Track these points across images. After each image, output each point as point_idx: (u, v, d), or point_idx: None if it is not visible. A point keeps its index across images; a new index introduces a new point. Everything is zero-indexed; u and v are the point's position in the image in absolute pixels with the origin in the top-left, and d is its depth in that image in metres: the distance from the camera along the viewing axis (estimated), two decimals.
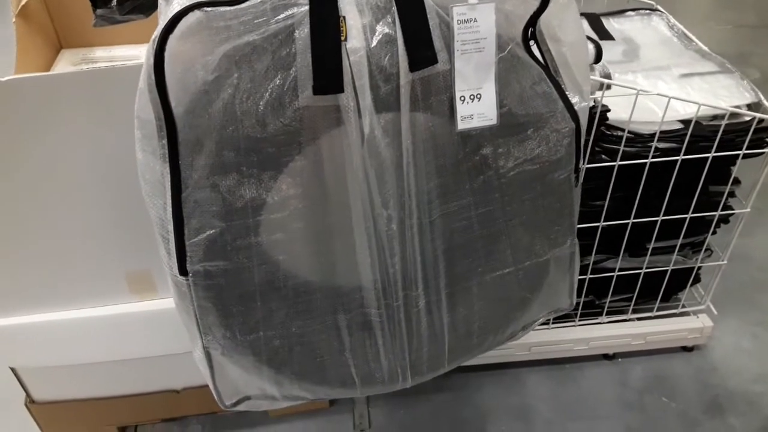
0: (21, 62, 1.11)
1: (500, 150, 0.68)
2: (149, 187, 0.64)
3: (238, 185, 0.63)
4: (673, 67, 1.07)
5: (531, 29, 0.68)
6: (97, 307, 0.91)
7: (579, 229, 1.00)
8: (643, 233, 1.07)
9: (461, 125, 0.65)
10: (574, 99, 0.71)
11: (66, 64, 1.25)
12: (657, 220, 1.03)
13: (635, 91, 0.88)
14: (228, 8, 0.55)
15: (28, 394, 1.04)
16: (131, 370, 0.98)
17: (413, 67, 0.61)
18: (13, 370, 0.99)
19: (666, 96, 0.88)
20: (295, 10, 0.58)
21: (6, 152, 0.80)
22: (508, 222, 0.73)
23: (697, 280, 1.17)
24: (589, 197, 1.01)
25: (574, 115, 0.70)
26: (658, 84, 1.02)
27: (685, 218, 1.04)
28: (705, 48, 1.13)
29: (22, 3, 1.14)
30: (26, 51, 1.14)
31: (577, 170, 0.74)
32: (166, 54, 0.56)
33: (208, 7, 0.55)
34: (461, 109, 0.65)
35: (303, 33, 0.59)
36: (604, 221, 1.03)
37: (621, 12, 1.23)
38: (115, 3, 0.79)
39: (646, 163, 0.96)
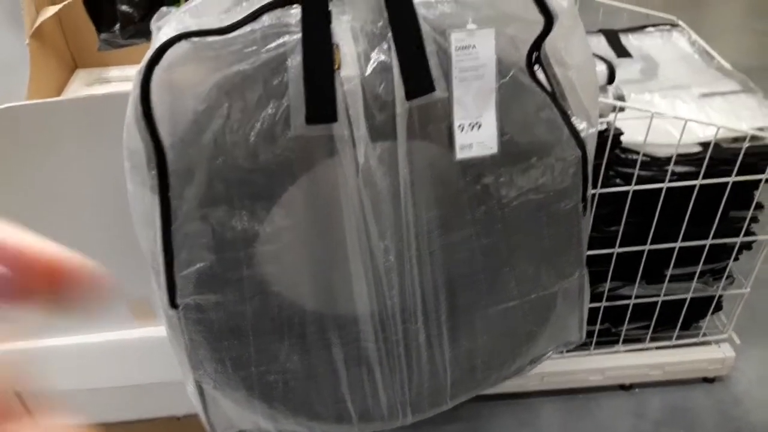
0: (34, 83, 1.12)
1: (502, 179, 0.66)
2: (139, 218, 0.62)
3: (230, 217, 0.61)
4: (692, 86, 1.03)
5: (535, 53, 0.65)
6: (98, 333, 0.90)
7: (593, 255, 0.97)
8: (661, 259, 1.03)
9: (460, 154, 0.62)
10: (581, 125, 0.68)
11: (80, 84, 1.25)
12: (675, 247, 0.99)
13: (650, 114, 0.84)
14: (216, 38, 0.54)
15: None
16: (132, 397, 0.97)
17: (410, 95, 0.59)
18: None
19: (683, 118, 0.85)
20: (287, 38, 0.56)
21: (4, 179, 0.80)
22: (512, 253, 0.70)
23: (718, 307, 1.12)
24: (603, 222, 0.98)
25: (580, 143, 0.67)
26: (677, 104, 0.98)
27: (705, 245, 0.99)
28: (727, 65, 1.08)
29: (37, 24, 1.15)
30: (40, 72, 1.14)
31: (585, 199, 0.71)
32: (154, 84, 0.55)
33: (195, 37, 0.53)
34: (460, 138, 0.62)
35: (295, 61, 0.57)
36: (619, 247, 0.99)
37: (640, 28, 1.20)
38: (118, 28, 0.78)
39: (662, 188, 0.92)
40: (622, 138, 0.91)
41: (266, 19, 0.55)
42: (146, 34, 0.82)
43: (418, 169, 0.64)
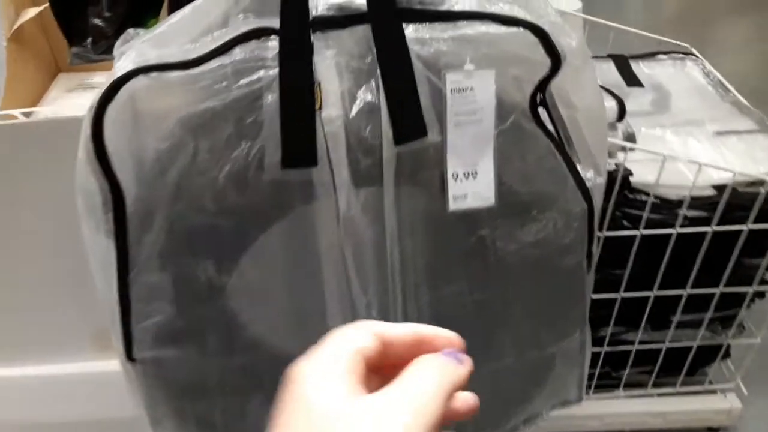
0: (10, 90, 1.05)
1: (499, 232, 0.59)
2: (94, 262, 0.56)
3: (193, 267, 0.55)
4: (707, 122, 0.96)
5: (540, 95, 0.59)
6: (57, 364, 0.84)
7: (595, 299, 0.90)
8: (667, 305, 0.96)
9: (453, 205, 0.56)
10: (588, 174, 0.62)
11: (61, 90, 1.19)
12: (683, 294, 0.93)
13: (662, 156, 0.78)
14: (179, 73, 0.48)
15: None
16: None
17: (399, 139, 0.53)
18: None
19: (697, 162, 0.79)
20: (262, 73, 0.50)
21: None
22: (508, 310, 0.64)
23: (726, 354, 1.06)
24: (607, 265, 0.91)
25: (586, 195, 0.61)
26: (689, 142, 0.92)
27: (716, 293, 0.93)
28: (743, 100, 1.02)
29: (16, 26, 1.09)
30: (18, 76, 1.08)
31: (590, 254, 0.65)
32: (108, 120, 0.49)
33: (155, 71, 0.47)
34: (453, 188, 0.56)
35: (271, 99, 0.51)
36: (624, 292, 0.92)
37: (652, 55, 1.13)
38: (90, 42, 0.72)
39: (673, 233, 0.85)
40: (632, 178, 0.85)
41: (238, 52, 0.49)
42: None
43: (407, 219, 0.58)
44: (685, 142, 0.92)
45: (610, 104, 0.81)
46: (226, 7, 0.50)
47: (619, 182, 0.82)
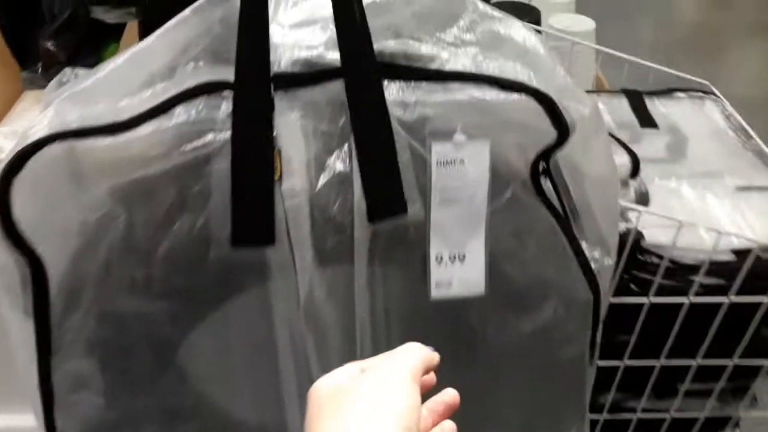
0: None
1: (490, 322, 0.51)
2: (15, 344, 0.48)
3: (126, 355, 0.47)
4: (726, 175, 0.88)
5: (543, 163, 0.51)
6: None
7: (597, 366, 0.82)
8: (675, 372, 0.88)
9: (436, 293, 0.48)
10: (595, 253, 0.54)
11: (31, 102, 1.12)
12: (693, 365, 0.85)
13: (677, 223, 0.70)
14: (106, 140, 0.39)
15: None
16: None
17: (374, 216, 0.45)
18: None
19: (716, 230, 0.70)
20: (210, 137, 0.42)
21: None
22: (497, 404, 0.55)
23: (736, 426, 0.98)
24: (611, 329, 0.83)
25: (592, 281, 0.52)
26: (707, 198, 0.83)
27: (729, 365, 0.85)
28: (766, 149, 0.94)
29: None
30: None
31: (593, 345, 0.56)
32: (25, 185, 0.40)
33: (75, 138, 0.39)
34: (437, 273, 0.48)
35: (221, 166, 0.43)
36: (629, 359, 0.84)
37: (668, 92, 1.04)
38: (40, 68, 0.64)
39: (685, 302, 0.77)
40: (643, 240, 0.77)
41: (181, 112, 0.41)
42: None
43: (381, 304, 0.49)
44: (702, 197, 0.83)
45: (623, 160, 0.72)
46: (172, 55, 0.42)
47: (630, 245, 0.74)
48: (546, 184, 0.51)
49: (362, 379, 0.32)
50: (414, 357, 0.34)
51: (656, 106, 1.01)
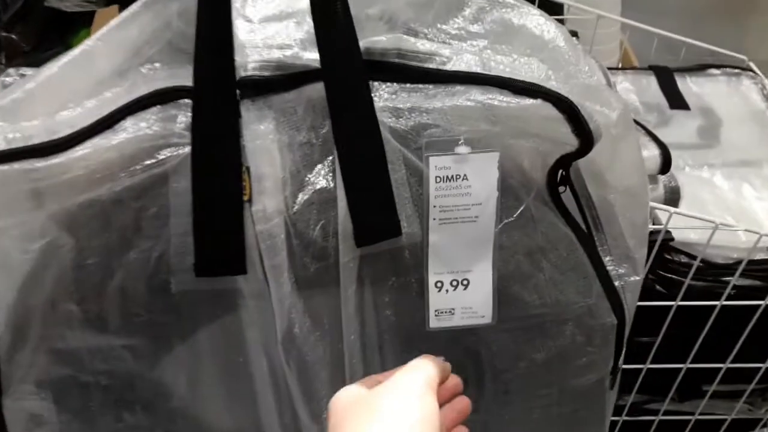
0: None
1: (499, 350, 0.45)
2: None
3: (84, 393, 0.41)
4: (765, 163, 0.80)
5: (562, 171, 0.44)
6: None
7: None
8: (701, 374, 0.82)
9: (435, 323, 0.42)
10: (620, 269, 0.47)
11: None
12: (721, 367, 0.78)
13: (712, 225, 0.62)
14: (40, 164, 0.33)
15: None
16: None
17: (362, 240, 0.38)
18: None
19: (756, 233, 0.63)
20: (166, 153, 0.36)
21: None
22: None
23: (764, 425, 0.92)
24: (634, 332, 0.77)
25: (616, 303, 0.46)
26: (744, 190, 0.76)
27: (760, 367, 0.78)
28: None
29: None
30: None
31: (615, 371, 0.50)
32: None
33: (3, 162, 0.33)
34: (436, 301, 0.41)
35: (180, 185, 0.36)
36: (652, 363, 0.78)
37: (701, 68, 0.95)
38: (3, 58, 0.58)
39: (717, 305, 0.70)
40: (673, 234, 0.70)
41: (129, 126, 0.34)
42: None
43: (373, 331, 0.43)
44: (738, 189, 0.76)
45: (653, 153, 0.65)
46: (122, 56, 0.36)
47: (657, 247, 0.67)
48: (565, 194, 0.45)
49: (381, 390, 0.32)
50: (429, 368, 0.34)
51: (688, 85, 0.93)
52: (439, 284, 0.41)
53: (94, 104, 0.34)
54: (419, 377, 0.33)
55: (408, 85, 0.37)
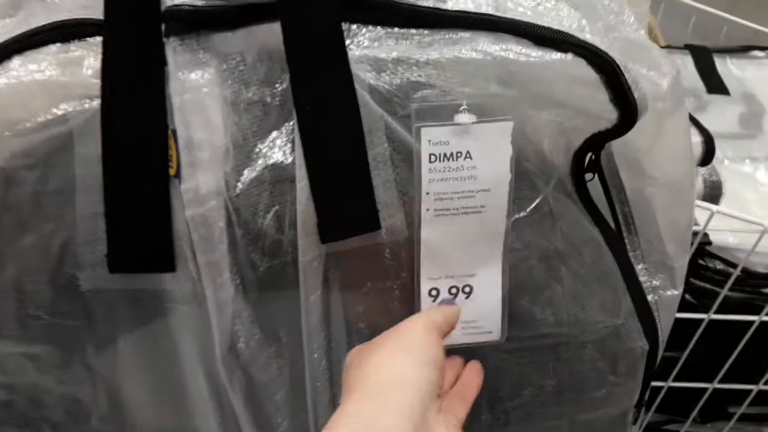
0: None
1: (500, 372, 0.36)
2: None
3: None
4: None
5: (591, 154, 0.34)
6: None
7: None
8: (728, 394, 0.73)
9: None
10: (655, 281, 0.38)
11: None
12: (753, 389, 0.69)
13: (760, 228, 0.53)
14: None
15: None
16: None
17: (328, 235, 0.29)
18: None
19: None
20: (70, 106, 0.27)
21: None
22: None
23: None
24: None
25: (648, 325, 0.36)
26: None
27: None
28: None
29: None
30: None
31: (640, 404, 0.41)
32: None
33: None
34: None
35: (88, 152, 0.27)
36: (674, 381, 0.69)
37: (743, 50, 0.86)
38: None
39: (755, 321, 0.61)
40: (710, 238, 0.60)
41: (17, 67, 0.26)
42: None
43: (342, 347, 0.34)
44: None
45: (695, 140, 0.55)
46: None
47: (694, 251, 0.58)
48: (591, 184, 0.35)
49: (386, 333, 0.31)
50: (433, 312, 0.32)
51: (728, 67, 0.83)
52: (434, 292, 0.32)
53: None
54: (420, 318, 0.31)
55: (395, 29, 0.28)
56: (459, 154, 0.29)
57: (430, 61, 0.27)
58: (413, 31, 0.28)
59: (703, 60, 0.82)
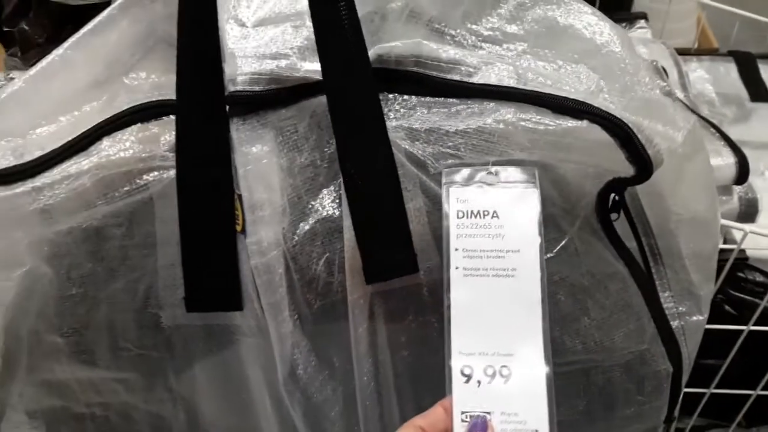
0: None
1: None
2: None
3: (77, 424, 0.38)
4: None
5: (615, 195, 0.37)
6: None
7: None
8: None
9: (459, 429, 0.31)
10: (681, 307, 0.40)
11: None
12: None
13: None
14: (10, 192, 0.29)
15: None
16: None
17: (373, 276, 0.33)
18: None
19: None
20: (151, 177, 0.31)
21: None
22: None
23: None
24: (697, 353, 0.69)
25: (672, 349, 0.39)
26: None
27: None
28: None
29: None
30: None
31: (670, 419, 0.44)
32: None
33: None
34: (463, 398, 0.31)
35: (167, 213, 0.32)
36: (716, 388, 0.70)
37: None
38: (18, 51, 0.55)
39: None
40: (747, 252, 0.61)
41: (107, 146, 0.30)
42: None
43: (389, 369, 0.38)
44: None
45: (728, 161, 0.56)
46: (101, 66, 0.31)
47: (729, 267, 0.59)
48: (618, 221, 0.38)
49: None
50: None
51: None
52: (467, 371, 0.31)
53: (69, 121, 0.31)
54: None
55: (427, 98, 0.31)
56: (486, 213, 0.31)
57: (458, 131, 0.30)
58: (442, 100, 0.31)
59: (747, 66, 0.81)
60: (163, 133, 0.31)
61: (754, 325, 0.63)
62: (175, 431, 0.40)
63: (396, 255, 0.33)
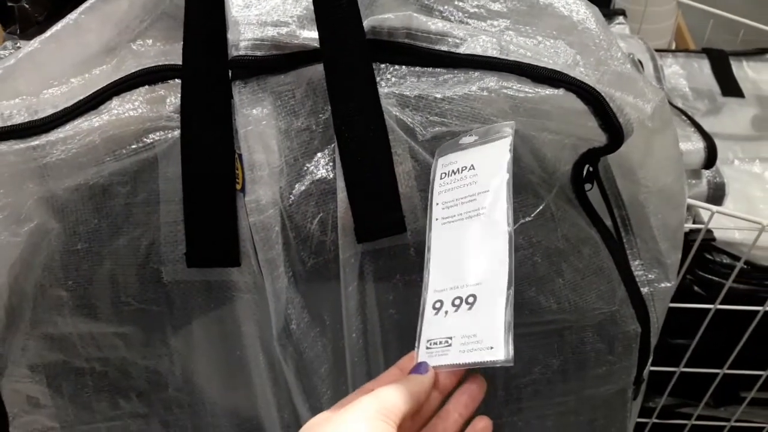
0: None
1: (516, 353, 0.42)
2: None
3: (77, 378, 0.40)
4: None
5: (589, 167, 0.40)
6: None
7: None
8: (739, 379, 0.77)
9: (425, 356, 0.33)
10: (650, 275, 0.43)
11: None
12: (761, 375, 0.73)
13: (759, 226, 0.57)
14: (24, 145, 0.31)
15: None
16: None
17: (364, 236, 0.36)
18: None
19: None
20: (157, 136, 0.33)
21: None
22: None
23: None
24: (666, 332, 0.72)
25: (641, 310, 0.42)
26: None
27: None
28: None
29: None
30: None
31: (638, 381, 0.46)
32: None
33: None
34: (431, 328, 0.33)
35: (171, 171, 0.34)
36: (686, 366, 0.74)
37: (760, 53, 0.88)
38: (17, 29, 0.57)
39: (760, 311, 0.65)
40: (715, 234, 0.65)
41: (115, 106, 0.32)
42: None
43: (377, 327, 0.41)
44: None
45: (697, 146, 0.60)
46: (111, 31, 0.33)
47: (696, 247, 0.62)
48: (591, 192, 0.41)
49: (336, 417, 0.30)
50: (388, 396, 0.30)
51: (744, 70, 0.86)
52: (437, 305, 0.33)
53: (80, 82, 0.33)
54: (372, 406, 0.30)
55: (417, 68, 0.34)
56: (464, 168, 0.34)
57: (445, 98, 0.33)
58: (431, 69, 0.34)
59: (719, 63, 0.85)
60: (169, 95, 0.33)
61: (721, 304, 0.66)
62: (171, 387, 0.42)
63: (385, 216, 0.35)
